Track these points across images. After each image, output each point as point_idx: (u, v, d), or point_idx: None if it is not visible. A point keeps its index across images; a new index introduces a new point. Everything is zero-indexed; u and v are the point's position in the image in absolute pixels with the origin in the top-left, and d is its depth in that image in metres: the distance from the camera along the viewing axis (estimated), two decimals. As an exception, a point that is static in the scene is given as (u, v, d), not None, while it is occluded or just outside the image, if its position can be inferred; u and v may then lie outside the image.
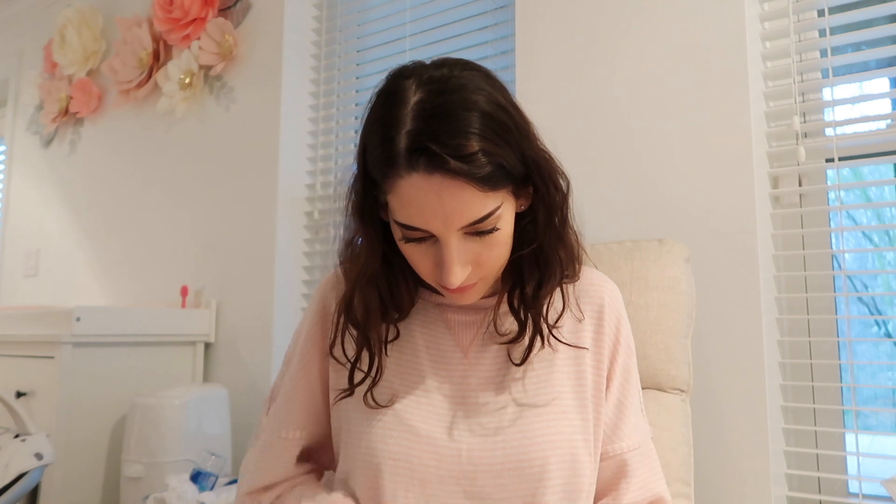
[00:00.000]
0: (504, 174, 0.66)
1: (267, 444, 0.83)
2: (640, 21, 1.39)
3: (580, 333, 0.80)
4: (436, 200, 0.64)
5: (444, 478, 0.72)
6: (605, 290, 0.84)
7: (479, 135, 0.63)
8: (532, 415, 0.75)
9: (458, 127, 0.63)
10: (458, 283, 0.69)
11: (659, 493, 0.80)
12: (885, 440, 1.23)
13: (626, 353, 0.82)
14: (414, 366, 0.79)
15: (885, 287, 1.39)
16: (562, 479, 0.73)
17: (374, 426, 0.75)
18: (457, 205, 0.65)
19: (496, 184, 0.66)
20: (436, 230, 0.67)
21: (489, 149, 0.64)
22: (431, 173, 0.63)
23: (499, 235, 0.70)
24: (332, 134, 2.01)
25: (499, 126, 0.65)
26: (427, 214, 0.66)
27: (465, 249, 0.69)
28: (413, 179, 0.64)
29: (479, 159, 0.63)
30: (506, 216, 0.70)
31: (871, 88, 1.34)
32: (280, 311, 1.91)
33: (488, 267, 0.72)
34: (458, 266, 0.68)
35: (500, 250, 0.71)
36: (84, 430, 1.70)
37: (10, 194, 2.91)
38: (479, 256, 0.70)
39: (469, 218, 0.66)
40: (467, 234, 0.68)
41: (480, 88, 0.67)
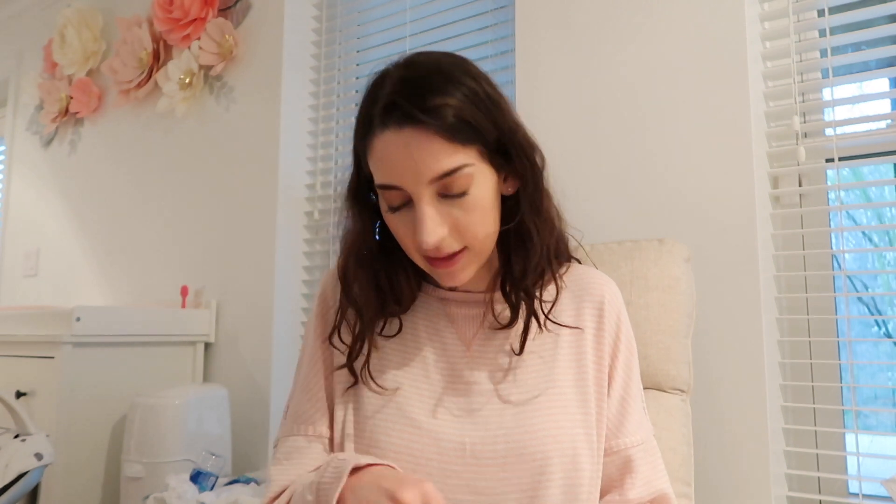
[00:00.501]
0: (471, 130, 0.69)
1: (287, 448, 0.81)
2: (640, 21, 1.39)
3: (582, 332, 0.81)
4: (405, 153, 0.68)
5: (447, 472, 0.73)
6: (606, 289, 0.84)
7: (447, 93, 0.68)
8: (534, 409, 0.75)
9: (428, 86, 0.69)
10: (432, 241, 0.69)
11: (663, 489, 0.81)
12: (885, 440, 1.23)
13: (627, 350, 0.83)
14: (417, 360, 0.80)
15: (885, 287, 1.39)
16: (563, 473, 0.73)
17: (377, 420, 0.76)
18: (424, 156, 0.68)
19: (462, 138, 0.69)
20: (407, 185, 0.69)
21: (454, 104, 0.68)
22: (402, 127, 0.68)
23: (473, 198, 0.71)
24: (332, 134, 2.01)
25: (468, 89, 0.70)
26: (399, 169, 0.69)
27: (439, 212, 0.70)
28: (386, 136, 0.69)
29: (444, 111, 0.67)
30: (480, 182, 0.71)
31: (871, 88, 1.34)
32: (280, 311, 1.91)
33: (470, 234, 0.72)
34: (431, 222, 0.69)
35: (478, 215, 0.72)
36: (84, 430, 1.70)
37: (10, 194, 2.91)
38: (457, 221, 0.71)
39: (436, 170, 0.68)
40: (441, 195, 0.70)
41: (455, 63, 0.72)
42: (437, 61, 0.72)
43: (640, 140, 1.37)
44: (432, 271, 0.76)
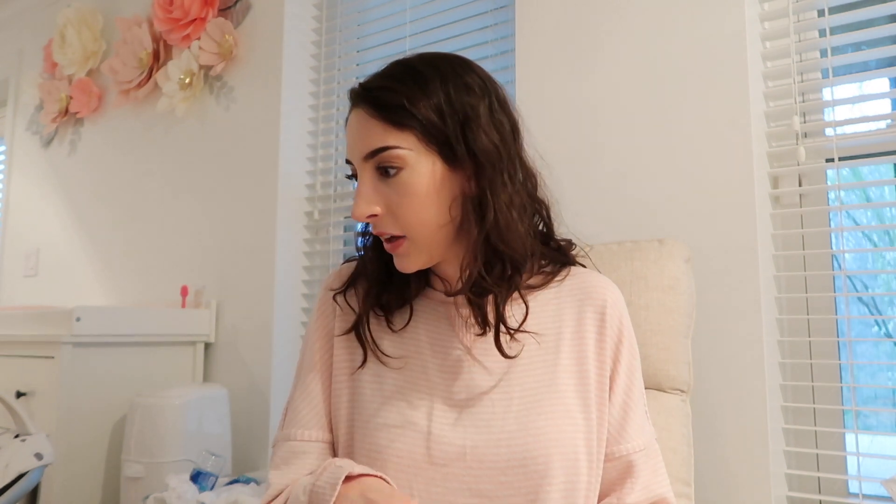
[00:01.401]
0: (406, 114, 0.73)
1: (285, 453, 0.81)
2: (641, 21, 1.39)
3: (583, 335, 0.81)
4: (352, 129, 0.77)
5: (448, 476, 0.73)
6: (608, 293, 0.84)
7: (392, 77, 0.75)
8: (536, 413, 0.75)
9: (382, 73, 0.77)
10: (359, 211, 0.74)
11: (663, 494, 0.80)
12: (885, 440, 1.23)
13: (629, 355, 0.82)
14: (418, 364, 0.80)
15: (885, 287, 1.39)
16: (564, 477, 0.73)
17: (378, 425, 0.76)
18: (361, 133, 0.75)
19: (396, 119, 0.73)
20: (352, 159, 0.77)
21: (396, 87, 0.74)
22: (355, 107, 0.77)
23: (405, 181, 0.73)
24: (332, 134, 2.01)
25: (418, 76, 0.75)
26: (350, 142, 0.77)
27: (375, 189, 0.75)
28: (349, 117, 0.78)
29: (383, 93, 0.74)
30: (417, 169, 0.73)
31: (871, 88, 1.34)
32: (280, 311, 1.91)
33: (403, 220, 0.74)
34: (361, 196, 0.75)
35: (413, 202, 0.74)
36: (84, 430, 1.70)
37: (10, 194, 2.91)
38: (390, 202, 0.74)
39: (368, 146, 0.74)
40: (377, 171, 0.75)
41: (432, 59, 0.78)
42: (413, 56, 0.78)
43: (640, 140, 1.37)
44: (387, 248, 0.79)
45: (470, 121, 0.74)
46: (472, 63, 0.79)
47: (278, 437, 0.84)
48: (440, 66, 0.76)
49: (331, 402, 0.83)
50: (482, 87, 0.77)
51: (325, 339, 0.85)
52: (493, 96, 0.77)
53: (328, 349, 0.84)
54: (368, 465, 0.75)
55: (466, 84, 0.75)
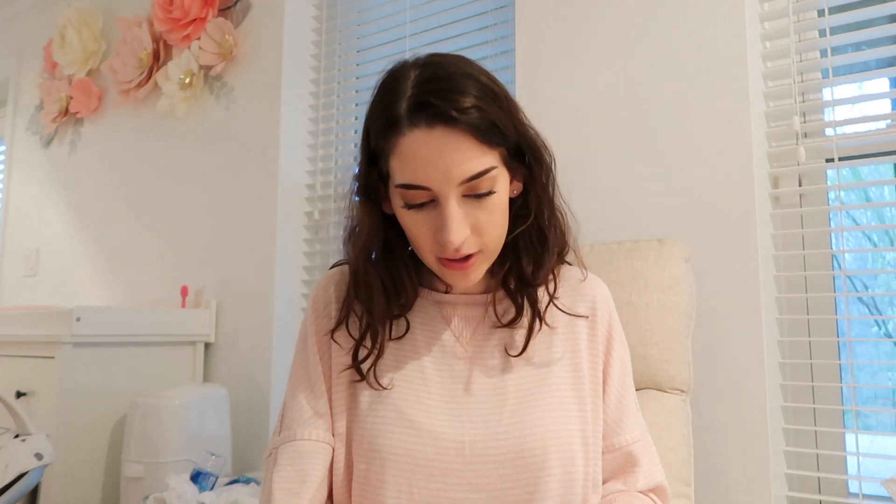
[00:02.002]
0: (498, 133, 0.70)
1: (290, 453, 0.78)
2: (641, 21, 1.39)
3: (575, 330, 0.82)
4: (436, 153, 0.68)
5: (447, 471, 0.73)
6: (597, 289, 0.86)
7: (474, 94, 0.69)
8: (532, 406, 0.76)
9: (455, 87, 0.69)
10: (458, 241, 0.70)
11: (660, 481, 0.82)
12: (885, 440, 1.23)
13: (620, 348, 0.84)
14: (414, 361, 0.80)
15: (885, 287, 1.39)
16: (561, 468, 0.74)
17: (376, 422, 0.76)
18: (456, 157, 0.68)
19: (491, 139, 0.70)
20: (436, 185, 0.69)
21: (484, 106, 0.69)
22: (433, 126, 0.68)
23: (496, 200, 0.72)
24: (332, 134, 2.01)
25: (490, 91, 0.71)
26: (428, 169, 0.69)
27: (464, 213, 0.71)
28: (415, 135, 0.68)
29: (475, 112, 0.68)
30: (501, 183, 0.73)
31: (871, 88, 1.34)
32: (280, 311, 1.91)
33: (487, 236, 0.73)
34: (457, 223, 0.70)
35: (497, 218, 0.73)
36: (84, 430, 1.70)
37: (10, 194, 2.91)
38: (478, 222, 0.72)
39: (468, 171, 0.69)
40: (465, 196, 0.71)
41: (471, 64, 0.73)
42: (456, 62, 0.72)
43: (640, 140, 1.37)
44: (442, 272, 0.76)
45: (527, 129, 0.75)
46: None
47: (280, 440, 0.81)
48: (492, 78, 0.74)
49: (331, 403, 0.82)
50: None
51: (322, 340, 0.84)
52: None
53: (326, 350, 0.84)
54: (367, 463, 0.75)
55: (507, 91, 0.75)
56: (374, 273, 0.79)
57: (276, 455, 0.80)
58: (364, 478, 0.75)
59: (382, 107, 0.72)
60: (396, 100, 0.70)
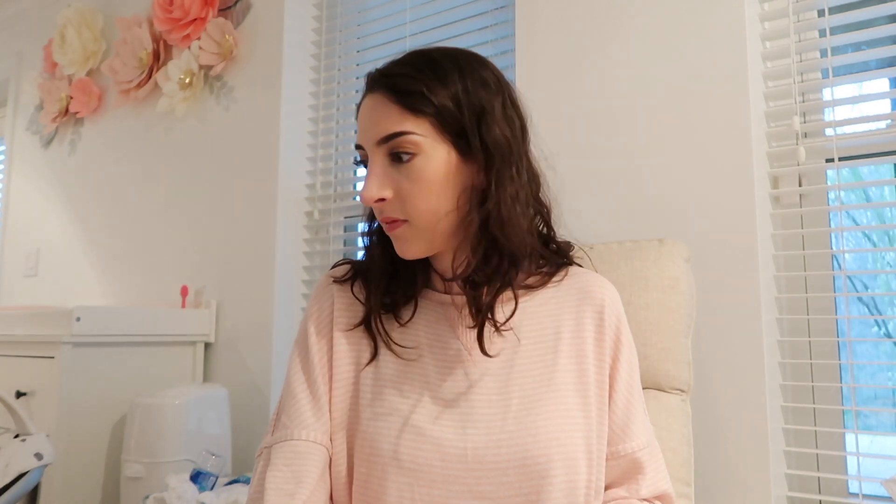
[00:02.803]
0: (423, 101, 0.74)
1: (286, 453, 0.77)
2: (641, 21, 1.39)
3: (582, 335, 0.81)
4: (367, 113, 0.77)
5: (449, 478, 0.73)
6: (606, 293, 0.84)
7: (412, 65, 0.76)
8: (535, 413, 0.75)
9: (403, 60, 0.78)
10: (368, 195, 0.75)
11: (666, 490, 0.81)
12: (885, 440, 1.23)
13: (628, 353, 0.83)
14: (418, 366, 0.79)
15: (885, 287, 1.39)
16: (565, 476, 0.73)
17: (378, 426, 0.75)
18: (378, 117, 0.75)
19: (413, 105, 0.74)
20: (364, 142, 0.77)
21: (415, 75, 0.75)
22: (371, 92, 0.77)
23: (417, 168, 0.74)
24: (332, 134, 2.01)
25: (437, 66, 0.76)
26: (363, 127, 0.77)
27: (386, 174, 0.76)
28: (364, 101, 0.78)
29: (401, 80, 0.75)
30: (430, 156, 0.74)
31: (871, 88, 1.34)
32: (280, 311, 1.91)
33: (410, 205, 0.75)
34: (372, 179, 0.75)
35: (421, 187, 0.74)
36: (84, 430, 1.70)
37: (10, 194, 2.91)
38: (400, 188, 0.75)
39: (383, 131, 0.74)
40: (389, 157, 0.75)
41: (448, 52, 0.79)
42: (431, 48, 0.79)
43: (640, 140, 1.37)
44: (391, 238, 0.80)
45: (485, 114, 0.76)
46: (487, 60, 0.81)
47: (275, 439, 0.80)
48: (458, 59, 0.77)
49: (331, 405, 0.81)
50: (497, 83, 0.79)
51: (324, 338, 0.84)
52: (506, 94, 0.80)
53: (328, 349, 0.83)
54: (368, 468, 0.75)
55: (483, 79, 0.77)
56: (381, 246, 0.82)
57: (268, 454, 0.79)
58: (365, 482, 0.75)
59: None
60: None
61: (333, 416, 0.80)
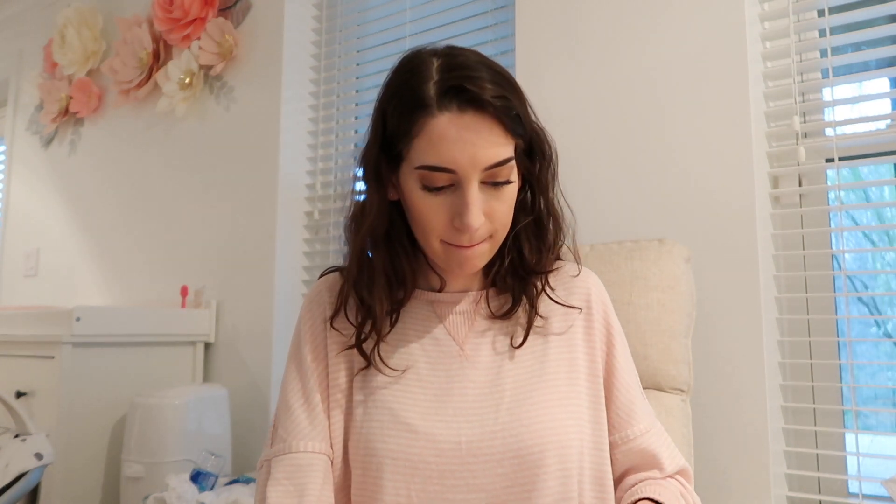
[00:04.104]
0: (520, 124, 0.72)
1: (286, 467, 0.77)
2: (640, 21, 1.39)
3: (571, 324, 0.82)
4: (466, 136, 0.69)
5: (444, 472, 0.73)
6: (591, 282, 0.86)
7: (500, 84, 0.70)
8: (528, 404, 0.76)
9: (483, 76, 0.70)
10: (477, 225, 0.71)
11: (684, 465, 0.83)
12: (885, 440, 1.23)
13: (620, 339, 0.85)
14: (409, 363, 0.79)
15: (885, 287, 1.39)
16: (558, 465, 0.74)
17: (372, 426, 0.76)
18: (485, 142, 0.69)
19: (515, 129, 0.71)
20: (461, 169, 0.69)
21: (509, 96, 0.71)
22: (464, 111, 0.69)
23: (510, 191, 0.74)
24: (332, 134, 2.01)
25: (511, 83, 0.73)
26: (455, 151, 0.69)
27: (481, 199, 0.72)
28: (445, 117, 0.69)
29: (503, 102, 0.70)
30: (514, 174, 0.74)
31: (871, 88, 1.34)
32: (280, 311, 1.91)
33: (498, 224, 0.74)
34: (477, 207, 0.71)
35: (508, 208, 0.75)
36: (84, 430, 1.70)
37: (10, 194, 2.91)
38: (492, 211, 0.73)
39: (493, 157, 0.70)
40: (484, 182, 0.71)
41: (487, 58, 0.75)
42: (474, 54, 0.74)
43: (639, 140, 1.37)
44: (447, 257, 0.75)
45: (535, 124, 0.77)
46: None
47: (273, 452, 0.79)
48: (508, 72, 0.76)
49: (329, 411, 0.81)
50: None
51: (317, 352, 0.83)
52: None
53: (323, 361, 0.82)
54: (364, 468, 0.75)
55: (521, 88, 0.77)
56: (378, 254, 0.79)
57: (269, 467, 0.79)
58: (362, 482, 0.75)
59: (407, 89, 0.71)
60: (422, 83, 0.70)
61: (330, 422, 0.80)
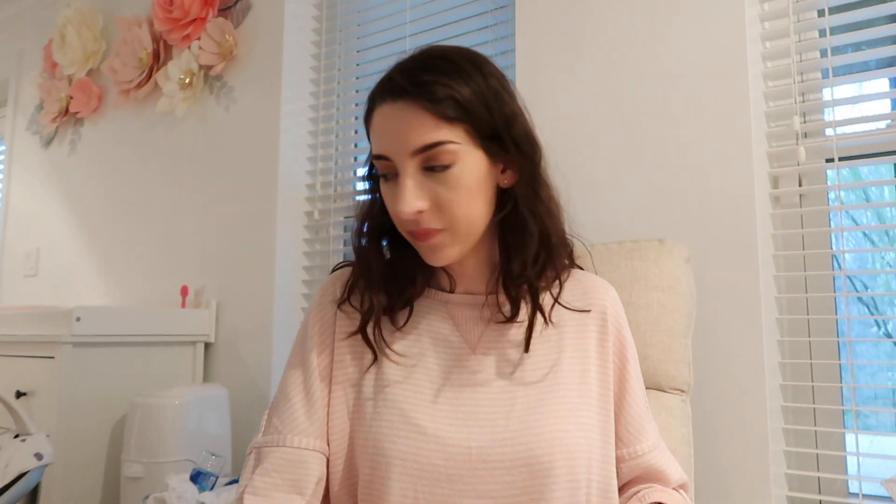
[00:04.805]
0: (458, 108, 0.71)
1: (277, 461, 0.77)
2: (640, 21, 1.39)
3: (584, 335, 0.81)
4: (394, 123, 0.72)
5: (453, 477, 0.72)
6: (608, 297, 0.85)
7: (437, 70, 0.72)
8: (539, 412, 0.75)
9: (424, 65, 0.73)
10: (407, 209, 0.71)
11: (685, 479, 0.85)
12: (885, 440, 1.23)
13: (633, 354, 0.84)
14: (421, 364, 0.79)
15: (885, 287, 1.39)
16: (568, 475, 0.73)
17: (381, 426, 0.75)
18: (410, 127, 0.71)
19: (448, 114, 0.71)
20: (393, 154, 0.72)
21: (444, 81, 0.71)
22: (395, 100, 0.72)
23: (456, 176, 0.72)
24: (332, 134, 2.01)
25: (463, 71, 0.73)
26: (388, 137, 0.73)
27: (421, 184, 0.72)
28: (382, 109, 0.73)
29: (433, 88, 0.71)
30: (466, 161, 0.73)
31: (871, 88, 1.34)
32: (280, 311, 1.91)
33: (449, 213, 0.73)
34: (409, 193, 0.71)
35: (461, 196, 0.73)
36: (84, 430, 1.70)
37: (10, 194, 2.91)
38: (438, 197, 0.72)
39: (419, 142, 0.71)
40: (424, 168, 0.72)
41: (461, 52, 0.76)
42: (444, 49, 0.76)
43: (639, 140, 1.37)
44: (417, 246, 0.77)
45: (512, 113, 0.76)
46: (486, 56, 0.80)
47: (266, 442, 0.79)
48: (474, 59, 0.76)
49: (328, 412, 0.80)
50: (503, 78, 0.78)
51: (324, 345, 0.82)
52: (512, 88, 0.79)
53: (328, 356, 0.82)
54: (371, 468, 0.74)
55: (497, 75, 0.77)
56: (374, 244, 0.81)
57: (258, 456, 0.79)
58: (369, 482, 0.75)
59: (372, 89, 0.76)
60: (379, 82, 0.75)
61: (334, 418, 0.80)
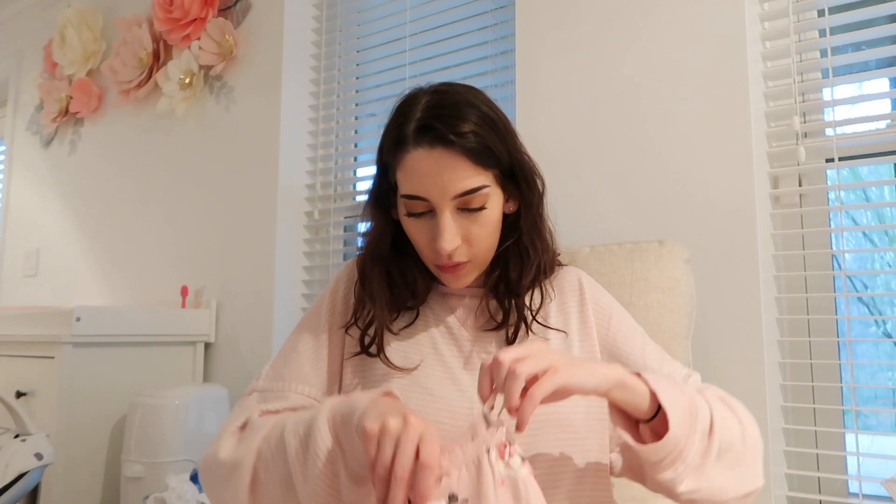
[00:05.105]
0: (491, 156, 0.79)
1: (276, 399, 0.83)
2: (640, 21, 1.39)
3: (567, 319, 0.89)
4: (435, 170, 0.77)
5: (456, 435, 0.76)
6: (579, 274, 0.93)
7: (473, 121, 0.78)
8: None
9: (457, 114, 0.78)
10: (449, 249, 0.79)
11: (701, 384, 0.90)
12: (885, 440, 1.23)
13: (617, 309, 0.91)
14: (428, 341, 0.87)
15: (885, 287, 1.39)
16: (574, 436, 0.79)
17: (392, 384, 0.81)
18: (452, 174, 0.77)
19: (484, 161, 0.78)
20: (433, 198, 0.79)
21: (480, 132, 0.78)
22: (434, 147, 0.77)
23: (487, 216, 0.81)
24: (332, 134, 2.01)
25: (490, 120, 0.80)
26: (427, 183, 0.78)
27: (456, 224, 0.80)
28: (418, 153, 0.78)
29: (471, 137, 0.77)
30: (493, 200, 0.81)
31: (871, 88, 1.34)
32: (280, 311, 1.91)
33: (477, 247, 0.82)
34: (449, 233, 0.79)
35: (487, 231, 0.82)
36: (84, 430, 1.70)
37: (10, 194, 2.91)
38: (469, 233, 0.80)
39: (461, 188, 0.78)
40: (459, 209, 0.80)
41: (477, 95, 0.83)
42: (463, 92, 0.82)
43: (640, 141, 1.37)
44: (438, 273, 0.85)
45: (522, 153, 0.84)
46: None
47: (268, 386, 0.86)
48: (492, 105, 0.82)
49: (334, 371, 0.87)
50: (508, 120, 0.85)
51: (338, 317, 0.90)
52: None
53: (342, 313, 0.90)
54: None
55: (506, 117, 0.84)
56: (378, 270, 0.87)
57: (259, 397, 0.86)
58: None
59: (395, 126, 0.81)
60: (406, 121, 0.79)
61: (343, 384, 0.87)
